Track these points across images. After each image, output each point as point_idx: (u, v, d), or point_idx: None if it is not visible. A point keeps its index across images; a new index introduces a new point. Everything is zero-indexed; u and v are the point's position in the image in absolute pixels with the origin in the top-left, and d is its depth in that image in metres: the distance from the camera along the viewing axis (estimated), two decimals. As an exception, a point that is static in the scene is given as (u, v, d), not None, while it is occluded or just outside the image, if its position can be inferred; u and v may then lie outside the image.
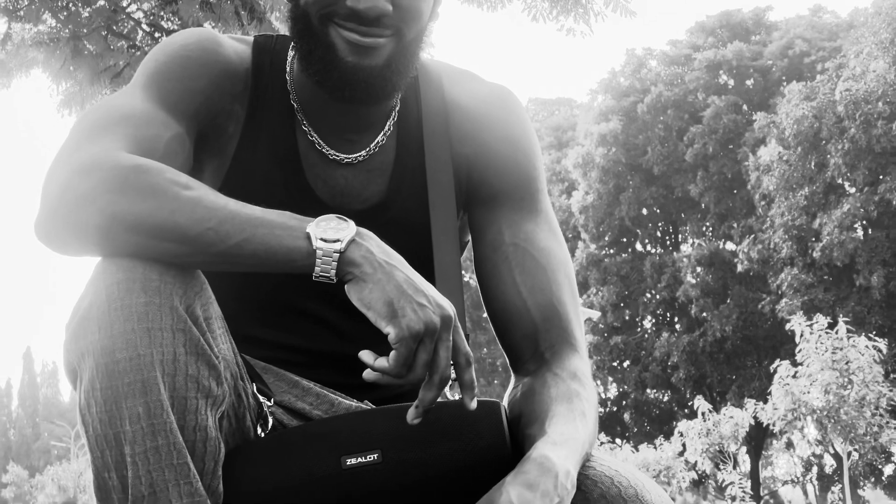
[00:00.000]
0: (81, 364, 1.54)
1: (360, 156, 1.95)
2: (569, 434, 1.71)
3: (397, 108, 2.00)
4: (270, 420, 1.81)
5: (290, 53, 2.00)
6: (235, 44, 1.99)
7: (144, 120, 1.79)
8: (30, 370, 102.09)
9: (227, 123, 1.92)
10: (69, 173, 1.64)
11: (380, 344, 1.58)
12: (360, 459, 1.66)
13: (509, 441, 1.69)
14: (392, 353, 1.56)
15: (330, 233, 1.60)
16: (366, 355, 1.58)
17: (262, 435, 1.79)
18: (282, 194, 1.90)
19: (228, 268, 1.62)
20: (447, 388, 1.86)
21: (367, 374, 1.58)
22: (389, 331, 1.56)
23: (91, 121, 1.78)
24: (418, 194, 1.97)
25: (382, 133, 1.97)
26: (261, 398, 1.81)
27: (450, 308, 1.60)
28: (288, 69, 1.99)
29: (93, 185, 1.60)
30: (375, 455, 1.66)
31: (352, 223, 1.63)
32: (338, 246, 1.59)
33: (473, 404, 1.62)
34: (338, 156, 1.94)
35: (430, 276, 1.87)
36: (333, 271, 1.59)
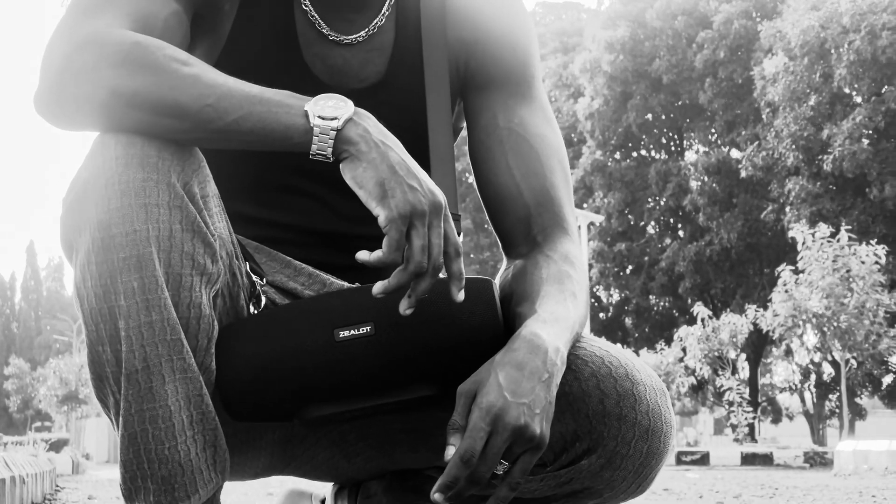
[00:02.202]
0: (78, 239, 1.55)
1: (359, 36, 1.94)
2: (559, 313, 1.73)
3: None
4: (263, 299, 1.82)
5: None
6: None
7: None
8: (33, 264, 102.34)
9: (223, 1, 1.91)
10: (69, 48, 1.64)
11: (373, 223, 1.59)
12: (352, 332, 1.67)
13: (501, 318, 1.70)
14: (385, 239, 1.56)
15: (328, 111, 1.60)
16: (363, 254, 1.58)
17: (255, 313, 1.80)
18: (278, 72, 1.89)
19: (226, 145, 1.63)
20: None
21: (361, 256, 1.58)
22: (379, 213, 1.56)
23: None
24: (415, 76, 1.97)
25: (381, 14, 1.96)
26: (253, 277, 1.82)
27: (440, 196, 1.60)
28: None
29: (93, 59, 1.61)
30: (368, 328, 1.67)
31: (350, 102, 1.62)
32: (335, 124, 1.59)
33: (461, 296, 1.63)
34: (336, 35, 1.93)
35: (424, 156, 1.89)
36: (330, 149, 1.60)
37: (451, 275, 1.63)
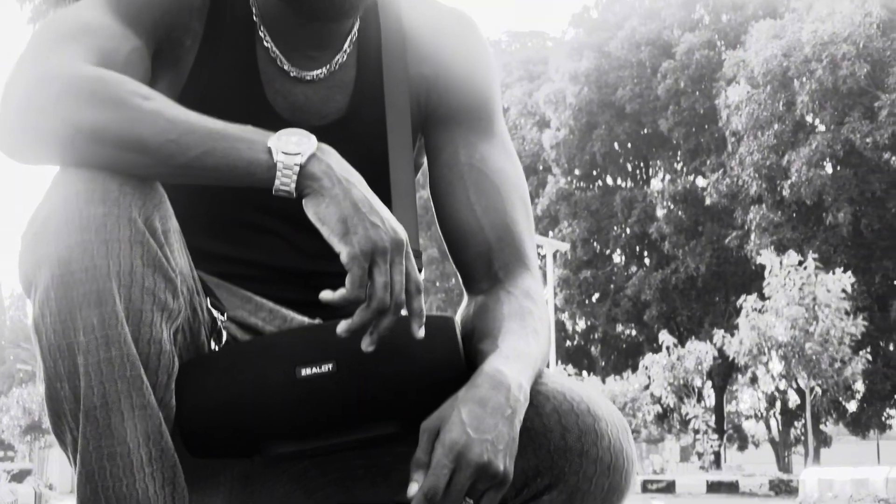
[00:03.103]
0: (37, 275, 1.54)
1: (320, 73, 1.94)
2: (522, 349, 1.73)
3: (357, 27, 1.99)
4: (224, 335, 1.81)
5: None
6: None
7: (105, 32, 1.78)
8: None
9: (184, 37, 1.90)
10: (30, 82, 1.63)
11: (335, 261, 1.58)
12: (314, 369, 1.67)
13: (462, 355, 1.70)
14: (347, 276, 1.57)
15: (291, 146, 1.60)
16: (326, 294, 1.58)
17: (216, 349, 1.79)
18: (240, 109, 1.86)
19: (189, 180, 1.62)
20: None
21: (324, 295, 1.58)
22: (341, 249, 1.57)
23: (52, 31, 1.76)
24: (376, 113, 1.96)
25: (342, 52, 1.96)
26: (214, 313, 1.81)
27: (402, 233, 1.60)
28: None
29: (55, 94, 1.60)
30: (330, 365, 1.67)
31: (313, 138, 1.63)
32: (298, 160, 1.59)
33: (421, 332, 1.63)
34: (298, 72, 1.93)
35: (385, 192, 1.88)
36: (293, 185, 1.60)
37: (412, 312, 1.63)
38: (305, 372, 1.67)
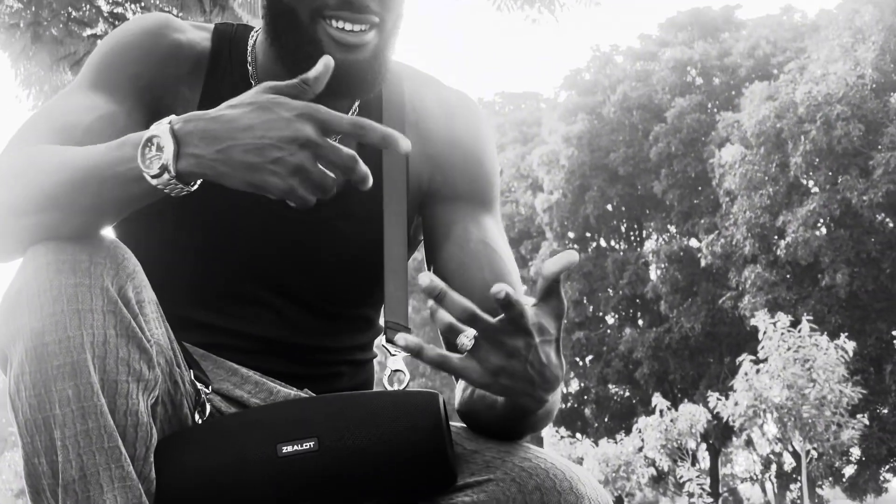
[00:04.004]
0: (11, 349, 1.54)
1: None
2: None
3: (357, 103, 2.00)
4: (208, 407, 1.79)
5: (251, 42, 2.00)
6: (192, 29, 1.99)
7: (70, 108, 1.82)
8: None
9: (175, 105, 1.91)
10: None
11: (324, 332, 1.56)
12: (296, 447, 1.64)
13: (446, 432, 1.67)
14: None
15: (155, 164, 1.51)
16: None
17: (200, 422, 1.77)
18: None
19: (115, 216, 1.60)
20: (385, 379, 1.86)
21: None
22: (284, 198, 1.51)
23: (27, 122, 1.82)
24: (374, 189, 1.93)
25: None
26: (198, 385, 1.79)
27: (301, 125, 1.49)
28: (249, 59, 1.98)
29: None
30: (312, 443, 1.64)
31: (166, 132, 1.52)
32: (167, 177, 1.51)
33: (406, 144, 1.53)
34: None
35: (378, 268, 1.90)
36: (187, 187, 1.54)
37: (362, 176, 1.52)
38: (286, 449, 1.65)
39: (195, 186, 1.56)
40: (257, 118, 1.49)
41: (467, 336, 1.53)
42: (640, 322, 44.94)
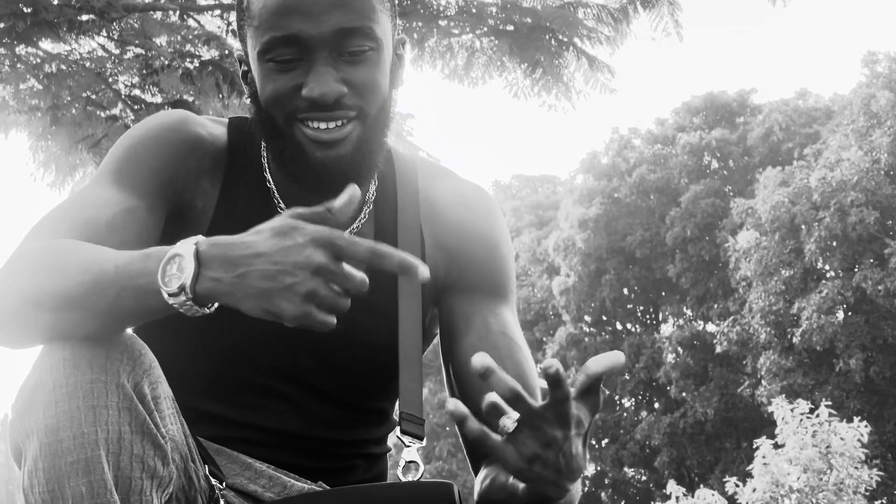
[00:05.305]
0: (26, 443, 1.52)
1: None
2: None
3: (374, 196, 2.01)
4: (222, 503, 1.77)
5: None
6: (209, 124, 2.01)
7: (92, 202, 1.82)
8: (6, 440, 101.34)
9: (196, 199, 1.93)
10: (4, 267, 1.67)
11: (345, 427, 1.55)
12: None
13: None
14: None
15: (174, 282, 1.51)
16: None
17: None
18: None
19: (130, 322, 1.60)
20: (399, 471, 1.85)
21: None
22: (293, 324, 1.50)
23: (47, 215, 1.82)
24: (389, 281, 1.96)
25: (358, 220, 1.98)
26: (213, 480, 1.77)
27: (314, 251, 1.48)
28: (264, 153, 2.00)
29: (13, 272, 1.63)
30: None
31: (190, 249, 1.53)
32: (184, 297, 1.51)
33: (425, 271, 1.52)
34: None
35: (393, 361, 1.90)
36: (203, 308, 1.54)
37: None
38: None
39: (212, 309, 1.55)
40: (274, 244, 1.49)
41: (510, 418, 1.52)
42: (657, 405, 44.67)
